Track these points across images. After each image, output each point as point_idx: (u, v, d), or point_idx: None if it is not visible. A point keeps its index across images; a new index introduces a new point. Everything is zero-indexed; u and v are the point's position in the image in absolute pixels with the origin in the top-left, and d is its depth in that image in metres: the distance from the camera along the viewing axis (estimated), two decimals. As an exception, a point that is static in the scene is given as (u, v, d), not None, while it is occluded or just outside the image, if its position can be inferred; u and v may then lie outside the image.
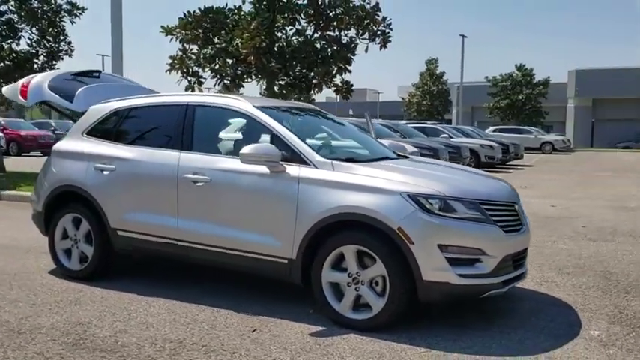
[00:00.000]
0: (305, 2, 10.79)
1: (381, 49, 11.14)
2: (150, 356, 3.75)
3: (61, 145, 5.78)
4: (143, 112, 5.52)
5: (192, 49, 11.18)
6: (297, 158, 4.54)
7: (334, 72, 11.10)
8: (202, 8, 10.81)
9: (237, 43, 10.17)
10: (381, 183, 4.25)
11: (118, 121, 5.54)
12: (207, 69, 10.99)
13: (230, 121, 5.19)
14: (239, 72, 10.77)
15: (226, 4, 11.17)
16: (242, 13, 10.86)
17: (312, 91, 11.30)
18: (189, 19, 10.73)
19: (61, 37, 15.36)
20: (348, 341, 4.03)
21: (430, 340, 4.03)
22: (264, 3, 10.54)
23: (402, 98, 56.56)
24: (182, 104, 5.20)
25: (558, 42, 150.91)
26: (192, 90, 11.12)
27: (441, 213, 4.08)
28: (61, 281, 5.44)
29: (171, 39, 11.05)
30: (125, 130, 5.49)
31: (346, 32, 11.13)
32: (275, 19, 10.45)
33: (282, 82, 11.11)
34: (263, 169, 4.56)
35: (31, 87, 5.90)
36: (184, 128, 5.08)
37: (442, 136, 21.55)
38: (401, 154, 5.64)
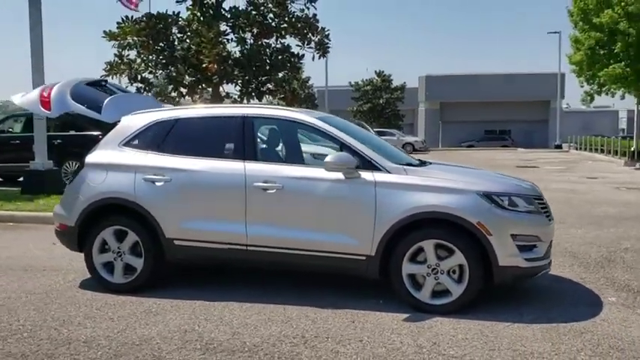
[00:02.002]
0: (246, 10, 11.04)
1: (320, 57, 11.74)
2: (292, 351, 4.04)
3: (96, 157, 5.65)
4: (192, 124, 5.62)
5: (128, 55, 10.91)
6: (369, 165, 5.03)
7: (289, 79, 11.51)
8: (148, 13, 10.60)
9: (194, 51, 10.15)
10: (455, 184, 4.91)
11: (162, 132, 5.57)
12: (158, 75, 10.77)
13: (294, 132, 5.50)
14: (198, 79, 10.71)
15: (166, 10, 11.07)
16: (180, 19, 10.81)
17: (263, 98, 11.58)
18: (139, 25, 10.46)
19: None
20: (442, 322, 4.62)
21: (505, 316, 4.75)
22: (205, 10, 10.62)
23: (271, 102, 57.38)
24: (237, 116, 5.41)
25: (412, 51, 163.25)
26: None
27: (510, 207, 4.84)
28: (107, 295, 5.36)
29: (114, 44, 10.68)
30: (174, 141, 5.53)
31: (282, 40, 11.56)
32: (217, 27, 10.59)
33: (242, 89, 11.24)
34: (337, 175, 4.99)
35: (53, 97, 5.68)
36: (245, 139, 5.31)
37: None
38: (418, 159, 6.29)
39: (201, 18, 10.92)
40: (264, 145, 5.32)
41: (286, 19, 11.21)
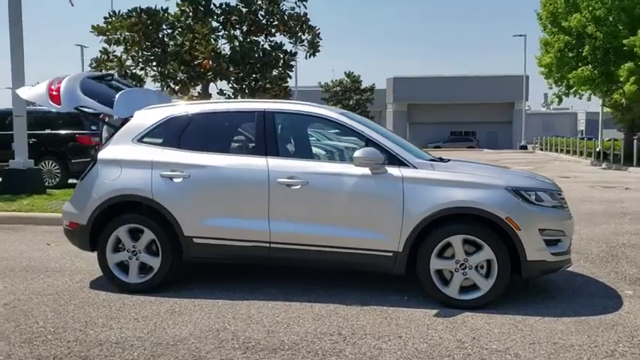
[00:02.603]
0: (236, 6, 10.90)
1: (310, 56, 11.68)
2: (334, 348, 3.97)
3: (109, 153, 5.46)
4: (210, 119, 5.49)
5: (114, 51, 10.63)
6: (395, 160, 5.00)
7: (284, 77, 11.41)
8: (138, 9, 10.32)
9: (188, 47, 9.94)
10: (482, 179, 4.92)
11: (179, 128, 5.42)
12: (151, 72, 10.51)
13: (318, 128, 5.42)
14: (192, 76, 10.49)
15: (155, 5, 10.82)
16: (169, 14, 10.58)
17: (256, 95, 11.44)
18: (130, 20, 10.18)
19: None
20: (474, 317, 4.62)
21: (532, 310, 4.79)
22: (195, 6, 10.43)
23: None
24: (258, 111, 5.30)
25: (382, 53, 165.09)
26: None
27: (537, 202, 4.88)
28: (123, 296, 5.19)
29: (102, 39, 10.37)
30: (192, 137, 5.39)
31: (272, 39, 11.47)
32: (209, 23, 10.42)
33: (236, 86, 11.06)
34: (364, 170, 4.94)
35: (63, 91, 5.46)
36: (266, 134, 5.21)
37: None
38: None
39: (191, 14, 10.74)
40: (287, 141, 5.23)
41: (278, 16, 11.13)
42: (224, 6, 10.86)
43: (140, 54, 10.53)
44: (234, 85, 11.21)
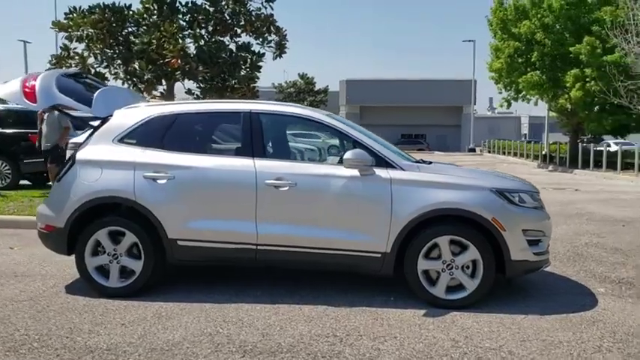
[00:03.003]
0: (204, 6, 10.74)
1: (276, 58, 11.62)
2: (333, 350, 3.97)
3: (89, 154, 5.28)
4: (194, 119, 5.39)
5: (75, 48, 10.27)
6: (383, 162, 5.04)
7: (253, 77, 11.29)
8: (101, 4, 9.99)
9: (156, 46, 9.69)
10: (469, 181, 5.02)
11: (162, 128, 5.30)
12: (114, 70, 10.18)
13: (302, 129, 5.40)
14: (159, 75, 10.23)
15: (118, 2, 10.49)
16: (133, 11, 10.32)
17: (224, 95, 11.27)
18: (94, 16, 9.85)
19: None
20: (461, 317, 4.71)
21: (515, 309, 4.91)
22: (160, 4, 10.21)
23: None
24: (243, 112, 5.25)
25: (336, 56, 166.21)
26: None
27: (520, 204, 5.01)
28: (104, 301, 5.03)
29: (65, 35, 9.99)
30: (176, 137, 5.28)
31: (237, 39, 11.36)
32: (174, 21, 10.22)
33: (204, 86, 10.86)
34: (353, 172, 4.96)
35: (39, 89, 5.24)
36: (253, 135, 5.16)
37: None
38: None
39: (155, 12, 10.50)
40: (273, 142, 5.20)
41: (245, 17, 11.02)
42: (190, 4, 10.69)
43: (104, 52, 10.21)
44: (201, 85, 11.05)
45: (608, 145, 30.73)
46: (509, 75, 27.96)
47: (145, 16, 10.34)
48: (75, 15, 9.93)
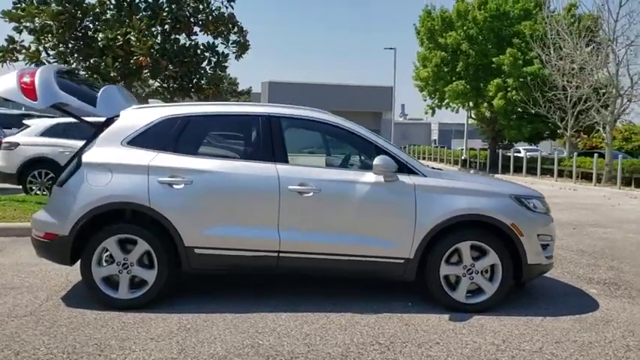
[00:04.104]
0: (162, 3, 10.30)
1: (237, 58, 11.35)
2: (387, 357, 3.94)
3: (96, 156, 4.91)
4: (208, 121, 5.15)
5: (22, 41, 9.51)
6: (405, 168, 5.07)
7: (222, 77, 10.93)
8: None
9: (122, 42, 9.13)
10: (489, 187, 5.15)
11: (175, 130, 5.03)
12: (73, 65, 9.46)
13: (323, 134, 5.31)
14: (124, 72, 9.61)
15: (73, -6, 9.83)
16: (90, 5, 9.72)
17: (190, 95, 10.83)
18: (52, 7, 9.12)
19: None
20: (486, 320, 4.81)
21: (530, 311, 5.09)
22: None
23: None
24: (262, 115, 5.10)
25: (259, 57, 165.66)
26: None
27: (534, 209, 5.20)
28: (115, 314, 4.71)
29: (14, 26, 9.19)
30: (191, 140, 5.03)
31: (192, 38, 11.00)
32: (131, 18, 9.71)
33: (169, 85, 10.35)
34: (378, 178, 4.95)
35: (39, 86, 4.82)
36: (273, 140, 5.02)
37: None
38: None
39: (112, 6, 9.93)
40: (296, 147, 5.08)
41: (210, 16, 10.65)
42: (150, 1, 10.20)
43: (56, 45, 9.50)
44: (163, 85, 10.58)
45: (518, 152, 32.59)
46: (435, 83, 29.00)
47: (97, 10, 9.74)
48: (27, 4, 9.20)
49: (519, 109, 26.81)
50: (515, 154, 29.29)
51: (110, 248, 4.83)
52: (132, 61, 9.23)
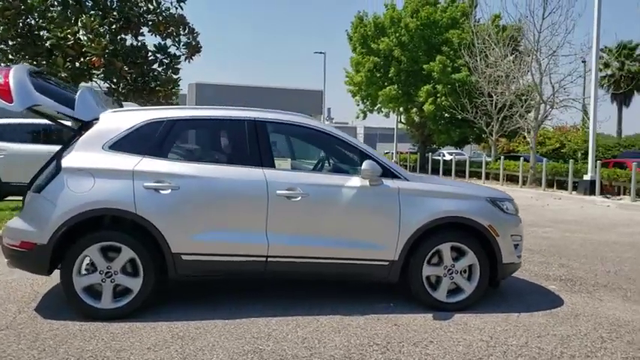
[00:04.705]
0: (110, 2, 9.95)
1: (186, 59, 11.11)
2: (388, 358, 4.04)
3: (77, 161, 4.72)
4: (194, 125, 5.09)
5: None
6: (389, 172, 5.20)
7: (176, 80, 10.62)
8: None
9: (73, 42, 8.68)
10: (467, 191, 5.37)
11: (159, 134, 4.91)
12: (18, 62, 8.90)
13: (308, 139, 5.34)
14: (76, 73, 9.11)
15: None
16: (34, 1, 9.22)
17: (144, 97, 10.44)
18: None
19: None
20: (468, 318, 5.01)
21: (504, 308, 5.34)
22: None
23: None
24: (248, 120, 5.08)
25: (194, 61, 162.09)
26: None
27: (507, 211, 5.47)
28: (98, 324, 4.56)
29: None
30: (176, 145, 4.94)
31: (141, 38, 10.70)
32: (79, 17, 9.31)
33: (122, 86, 9.91)
34: (363, 182, 5.06)
35: (14, 86, 4.55)
36: (260, 145, 5.02)
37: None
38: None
39: (55, 3, 9.46)
40: (282, 152, 5.09)
41: (158, 17, 10.38)
42: (101, 1, 9.81)
43: (2, 43, 8.94)
44: (113, 86, 10.18)
45: (443, 155, 33.79)
46: (367, 88, 29.58)
47: (43, 7, 9.27)
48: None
49: (448, 115, 27.81)
50: (444, 158, 30.36)
51: (92, 256, 4.66)
52: (83, 61, 8.88)
